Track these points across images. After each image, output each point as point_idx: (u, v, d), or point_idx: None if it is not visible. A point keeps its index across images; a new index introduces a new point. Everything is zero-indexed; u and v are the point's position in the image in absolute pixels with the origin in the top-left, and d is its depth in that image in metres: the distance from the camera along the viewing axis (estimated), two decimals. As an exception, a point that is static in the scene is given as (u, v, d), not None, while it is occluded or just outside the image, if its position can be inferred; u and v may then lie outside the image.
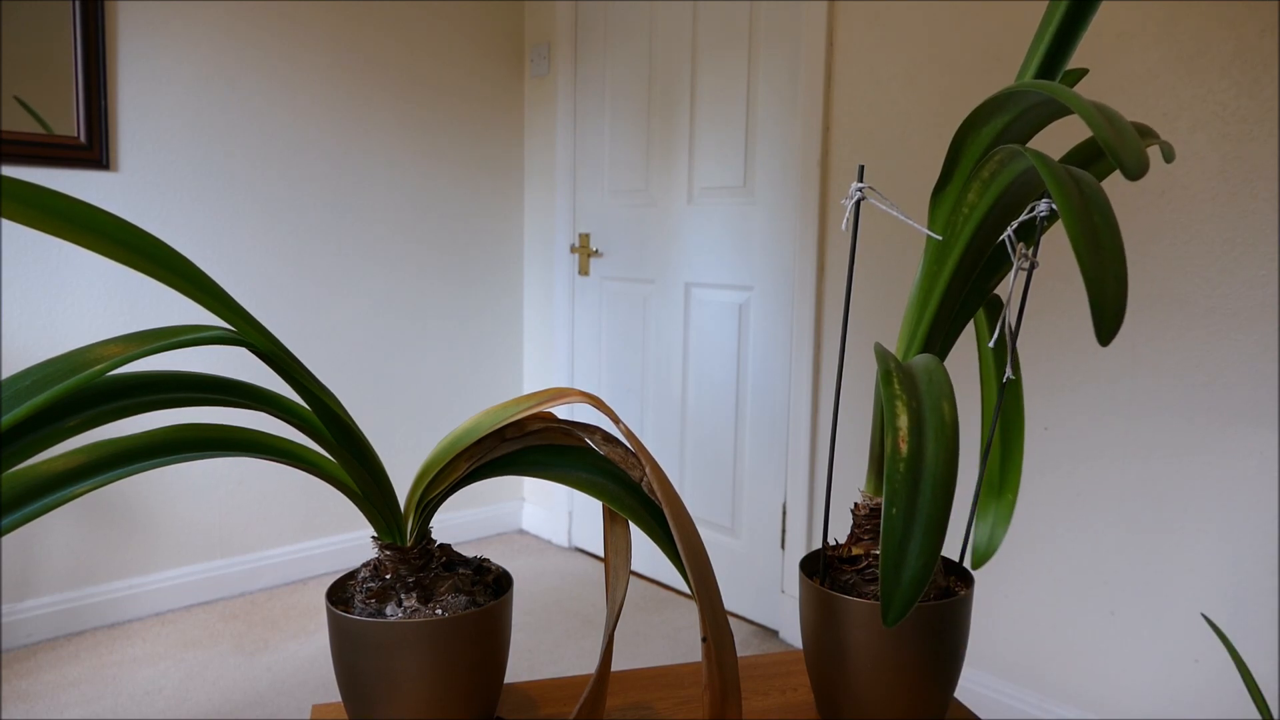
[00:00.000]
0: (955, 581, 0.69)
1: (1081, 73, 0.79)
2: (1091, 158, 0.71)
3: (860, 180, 0.70)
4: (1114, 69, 1.59)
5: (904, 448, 0.46)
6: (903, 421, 0.47)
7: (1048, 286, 1.70)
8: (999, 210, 0.62)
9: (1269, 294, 1.44)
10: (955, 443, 0.47)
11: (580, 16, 2.73)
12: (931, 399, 0.48)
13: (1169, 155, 0.66)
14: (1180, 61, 1.51)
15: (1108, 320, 0.44)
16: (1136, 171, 0.45)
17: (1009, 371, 0.68)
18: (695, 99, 2.41)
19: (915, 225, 0.67)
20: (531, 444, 0.71)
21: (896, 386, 0.49)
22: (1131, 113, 1.57)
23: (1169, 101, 1.53)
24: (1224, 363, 1.49)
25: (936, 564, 0.44)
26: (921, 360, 0.54)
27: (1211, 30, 1.47)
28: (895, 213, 0.64)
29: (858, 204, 0.71)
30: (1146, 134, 0.67)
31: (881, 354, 0.53)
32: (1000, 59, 1.75)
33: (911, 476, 0.45)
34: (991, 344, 0.70)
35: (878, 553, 0.65)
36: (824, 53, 2.04)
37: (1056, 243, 1.68)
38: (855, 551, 0.67)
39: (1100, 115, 0.48)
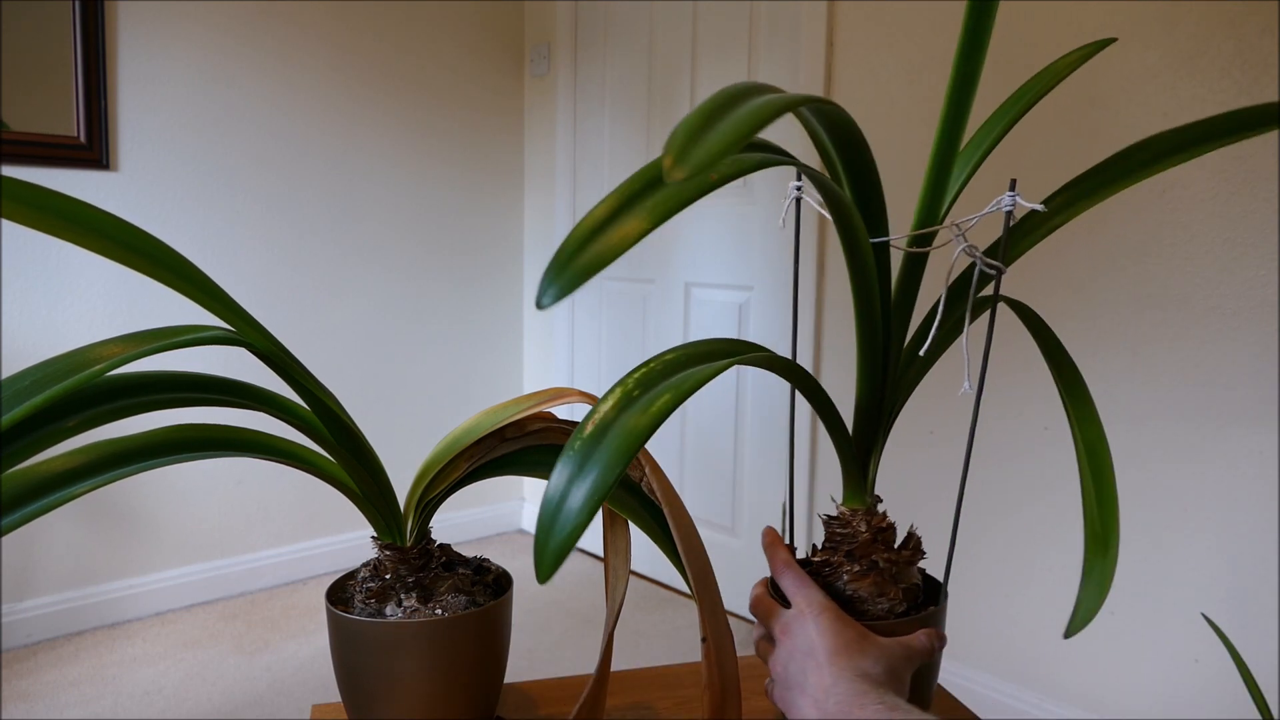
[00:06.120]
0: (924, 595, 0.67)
1: (1108, 41, 0.74)
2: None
3: (798, 180, 0.70)
4: (1114, 69, 1.59)
5: (589, 427, 0.47)
6: (605, 404, 0.48)
7: (1048, 287, 1.70)
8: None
9: (1269, 294, 1.44)
10: (642, 438, 0.46)
11: (580, 16, 2.73)
12: (658, 391, 0.48)
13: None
14: (1180, 61, 1.51)
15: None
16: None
17: (966, 384, 0.64)
18: (695, 99, 2.41)
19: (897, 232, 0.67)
20: (531, 444, 0.71)
21: (632, 375, 0.50)
22: (1132, 113, 1.57)
23: (1169, 101, 1.52)
24: (1224, 363, 1.49)
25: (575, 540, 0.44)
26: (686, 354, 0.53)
27: (1211, 30, 1.47)
28: (826, 213, 0.63)
29: (797, 201, 0.72)
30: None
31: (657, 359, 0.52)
32: (999, 59, 1.75)
33: (585, 449, 0.47)
34: (923, 351, 0.66)
35: (838, 559, 0.65)
36: (824, 53, 2.04)
37: (1056, 243, 1.68)
38: (822, 558, 0.67)
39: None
